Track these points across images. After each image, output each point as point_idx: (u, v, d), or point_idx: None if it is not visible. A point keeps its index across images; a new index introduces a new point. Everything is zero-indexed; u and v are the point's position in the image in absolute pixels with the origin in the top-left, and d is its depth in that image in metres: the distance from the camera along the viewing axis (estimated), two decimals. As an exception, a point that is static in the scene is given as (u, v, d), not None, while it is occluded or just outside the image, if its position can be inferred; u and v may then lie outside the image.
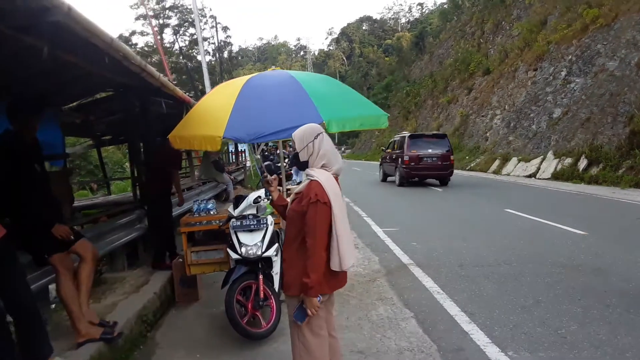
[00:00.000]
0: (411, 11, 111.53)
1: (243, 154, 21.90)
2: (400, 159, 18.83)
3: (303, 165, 2.99)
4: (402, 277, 6.24)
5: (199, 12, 46.20)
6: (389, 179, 21.23)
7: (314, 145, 2.92)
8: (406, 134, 13.50)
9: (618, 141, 17.96)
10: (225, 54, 55.23)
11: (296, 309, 2.91)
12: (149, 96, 5.85)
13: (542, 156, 22.30)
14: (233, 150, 20.43)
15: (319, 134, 2.96)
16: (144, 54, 42.20)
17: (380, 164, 22.82)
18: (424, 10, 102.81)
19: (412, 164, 18.37)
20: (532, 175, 21.45)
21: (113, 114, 6.80)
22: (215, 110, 4.89)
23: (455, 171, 20.74)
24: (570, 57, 24.48)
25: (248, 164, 20.28)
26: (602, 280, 5.81)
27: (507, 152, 26.12)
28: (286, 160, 19.50)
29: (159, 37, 45.22)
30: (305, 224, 2.81)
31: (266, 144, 31.97)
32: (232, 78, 6.91)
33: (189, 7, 42.42)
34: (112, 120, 7.18)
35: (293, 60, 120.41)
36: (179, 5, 43.86)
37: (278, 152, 30.77)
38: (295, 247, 2.92)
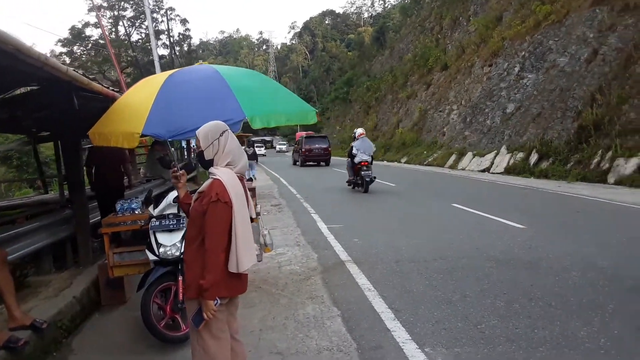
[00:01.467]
0: (374, 6, 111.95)
1: (195, 151, 21.54)
2: (300, 150, 32.58)
3: (207, 164, 2.91)
4: (336, 275, 6.21)
5: (156, 3, 45.28)
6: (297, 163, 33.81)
7: (219, 143, 2.84)
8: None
9: (567, 136, 18.45)
10: (185, 48, 54.20)
11: (194, 312, 2.83)
12: (78, 91, 5.59)
13: (495, 151, 22.76)
14: (185, 146, 20.05)
15: (224, 131, 2.88)
16: (97, 47, 41.07)
17: (292, 153, 37.47)
18: (386, 5, 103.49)
19: (307, 153, 31.80)
20: (486, 170, 21.88)
21: (41, 109, 6.50)
22: (135, 105, 4.72)
23: (412, 166, 21.65)
24: (523, 53, 25.02)
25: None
26: (531, 273, 5.91)
27: (463, 147, 26.55)
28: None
29: (108, 30, 44.09)
30: (205, 224, 2.72)
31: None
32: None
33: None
34: (41, 116, 6.87)
35: (255, 54, 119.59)
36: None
37: (244, 147, 30.51)
38: (195, 248, 2.82)
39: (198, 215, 2.77)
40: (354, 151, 15.07)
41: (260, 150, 47.07)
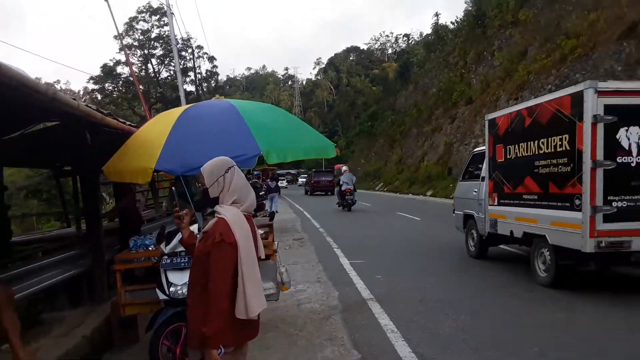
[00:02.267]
0: (397, 42, 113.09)
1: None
2: (310, 182, 40.27)
3: (213, 202, 2.74)
4: (358, 314, 5.93)
5: (185, 42, 46.54)
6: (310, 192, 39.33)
7: (225, 180, 2.67)
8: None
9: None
10: (212, 84, 55.35)
11: None
12: (94, 126, 5.58)
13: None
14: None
15: (229, 167, 2.72)
16: (127, 84, 42.22)
17: (305, 185, 44.67)
18: (410, 41, 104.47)
19: (315, 184, 38.84)
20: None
21: (61, 144, 6.51)
22: (149, 140, 4.63)
23: (438, 200, 21.65)
24: (549, 86, 24.66)
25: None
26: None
27: (489, 180, 26.01)
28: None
29: (138, 68, 45.37)
30: (209, 266, 2.54)
31: (250, 173, 31.77)
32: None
33: (176, 37, 42.64)
34: (62, 151, 6.88)
35: (281, 90, 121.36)
36: (164, 35, 43.97)
37: (268, 181, 30.64)
38: (198, 291, 2.62)
39: (202, 256, 2.58)
40: (341, 182, 21.46)
41: (282, 183, 48.44)
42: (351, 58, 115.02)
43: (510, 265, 8.55)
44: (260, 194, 26.75)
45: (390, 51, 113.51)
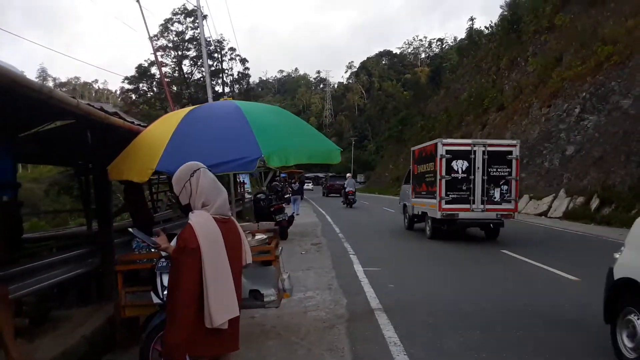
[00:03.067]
0: (431, 47, 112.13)
1: (243, 186, 21.68)
2: (325, 185, 46.47)
3: (186, 210, 2.67)
4: (363, 325, 5.78)
5: (218, 44, 47.09)
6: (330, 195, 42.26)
7: (191, 185, 2.61)
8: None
9: (631, 181, 17.32)
10: (244, 86, 55.79)
11: None
12: (104, 125, 5.60)
13: (553, 194, 21.62)
14: (233, 180, 20.23)
15: (194, 170, 2.65)
16: (160, 85, 42.89)
17: (322, 188, 49.28)
18: (443, 46, 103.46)
19: (330, 187, 44.03)
20: (544, 214, 20.76)
21: (75, 142, 6.57)
22: (152, 141, 4.62)
23: None
24: (584, 94, 23.99)
25: (248, 195, 20.04)
26: (580, 337, 5.27)
27: (520, 190, 25.42)
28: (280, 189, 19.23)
29: (171, 69, 46.06)
30: (171, 274, 2.47)
31: (277, 175, 31.89)
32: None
33: (208, 39, 43.16)
34: (77, 149, 6.96)
35: (312, 93, 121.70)
36: (197, 37, 44.51)
37: (293, 182, 30.71)
38: (171, 299, 2.56)
39: (173, 262, 2.52)
40: (345, 186, 28.86)
41: (308, 186, 54.13)
42: (383, 62, 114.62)
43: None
44: (286, 196, 26.91)
45: (423, 56, 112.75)
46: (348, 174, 33.22)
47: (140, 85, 47.65)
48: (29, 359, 3.88)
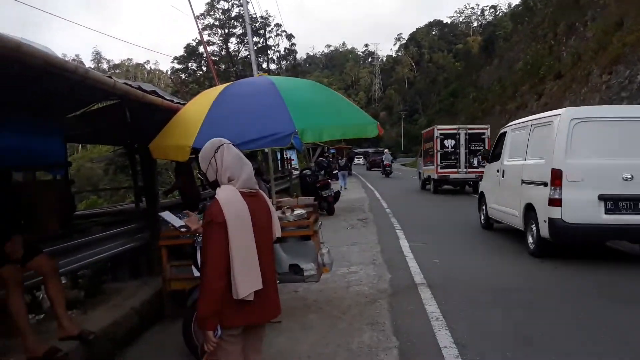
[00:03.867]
0: (484, 14, 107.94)
1: (290, 162, 21.82)
2: (368, 160, 50.49)
3: (213, 186, 2.70)
4: (405, 299, 5.72)
5: (263, 21, 47.11)
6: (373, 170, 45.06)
7: (216, 161, 2.62)
8: (385, 150, 34.68)
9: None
10: (290, 62, 55.77)
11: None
12: (139, 104, 5.69)
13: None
14: (279, 157, 20.40)
15: (219, 146, 2.66)
16: (207, 64, 43.50)
17: (366, 163, 51.75)
18: (497, 13, 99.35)
19: (372, 162, 47.78)
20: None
21: (123, 122, 6.76)
22: (189, 118, 4.67)
23: None
24: (647, 58, 22.52)
25: (295, 171, 20.18)
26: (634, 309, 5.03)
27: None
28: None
29: (218, 47, 46.54)
30: (202, 247, 2.51)
31: (325, 151, 31.89)
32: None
33: (253, 15, 43.23)
34: (124, 129, 7.16)
35: (361, 67, 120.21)
36: (243, 14, 44.66)
37: (339, 158, 30.68)
38: (202, 273, 2.60)
39: (202, 237, 2.56)
40: (383, 159, 35.50)
41: (359, 161, 56.71)
42: (433, 32, 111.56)
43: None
44: (334, 172, 26.92)
45: (475, 24, 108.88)
46: (385, 149, 41.01)
47: (189, 64, 48.52)
48: (79, 328, 4.05)
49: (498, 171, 9.48)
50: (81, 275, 6.47)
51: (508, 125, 9.96)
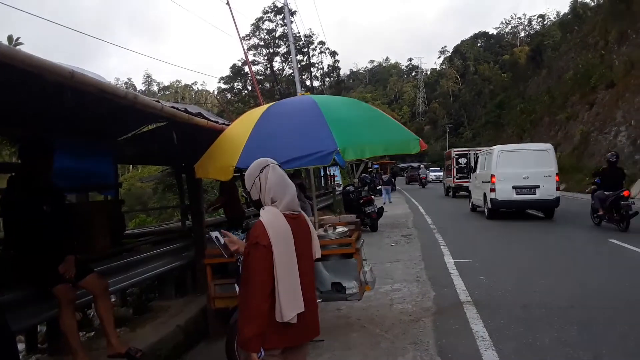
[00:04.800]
0: (531, 24, 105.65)
1: (333, 178, 21.86)
2: (407, 175, 53.82)
3: (257, 205, 2.74)
4: (450, 318, 5.61)
5: (307, 39, 47.76)
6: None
7: (260, 181, 2.66)
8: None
9: None
10: (334, 78, 56.13)
11: None
12: (188, 126, 5.87)
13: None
14: (322, 174, 20.48)
15: (264, 167, 2.69)
16: (252, 84, 44.40)
17: (406, 178, 54.07)
18: (545, 22, 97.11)
19: (410, 177, 50.46)
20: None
21: (170, 143, 6.99)
22: (233, 139, 4.79)
23: (571, 194, 20.94)
24: None
25: (338, 188, 20.21)
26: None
27: (634, 173, 23.29)
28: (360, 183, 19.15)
29: (263, 66, 47.43)
30: (246, 269, 2.55)
31: (369, 166, 31.84)
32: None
33: (297, 34, 43.93)
34: (172, 149, 7.40)
35: (404, 81, 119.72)
36: (287, 33, 45.45)
37: (383, 173, 30.54)
38: (243, 293, 2.64)
39: (244, 258, 2.60)
40: (419, 173, 44.00)
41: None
42: (479, 44, 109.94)
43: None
44: (378, 187, 26.75)
45: (522, 34, 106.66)
46: (422, 165, 49.77)
47: (235, 84, 49.58)
48: (127, 346, 4.18)
49: (475, 178, 17.36)
50: (130, 294, 6.68)
51: (479, 150, 20.10)
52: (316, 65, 51.32)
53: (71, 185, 5.66)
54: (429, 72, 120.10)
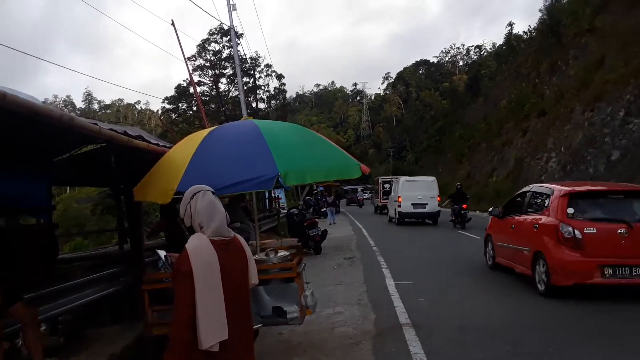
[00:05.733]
0: (469, 54, 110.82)
1: (278, 201, 21.85)
2: (348, 197, 56.43)
3: (192, 232, 2.73)
4: (389, 341, 5.70)
5: (253, 61, 47.92)
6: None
7: (191, 207, 2.66)
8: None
9: (680, 185, 16.62)
10: (280, 101, 56.43)
11: None
12: (129, 149, 5.77)
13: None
14: (267, 196, 20.42)
15: (195, 193, 2.69)
16: (196, 104, 43.96)
17: (347, 200, 56.22)
18: (482, 53, 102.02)
19: (350, 199, 55.05)
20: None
21: (109, 164, 6.82)
22: (174, 162, 4.74)
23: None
24: (628, 96, 23.15)
25: (283, 210, 20.19)
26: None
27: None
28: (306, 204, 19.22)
29: (209, 87, 47.20)
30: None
31: (314, 189, 32.03)
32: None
33: (243, 57, 44.00)
34: (110, 172, 7.22)
35: (350, 105, 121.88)
36: (234, 55, 45.38)
37: (327, 195, 30.81)
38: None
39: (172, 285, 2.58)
40: (358, 195, 53.25)
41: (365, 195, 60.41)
42: (420, 72, 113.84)
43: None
44: (322, 210, 26.92)
45: (461, 63, 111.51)
46: (359, 188, 55.77)
47: (180, 104, 48.91)
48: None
49: (390, 199, 25.23)
50: (62, 321, 6.38)
51: (393, 178, 30.77)
52: (262, 87, 51.59)
53: (0, 208, 5.40)
54: (373, 97, 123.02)
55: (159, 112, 66.31)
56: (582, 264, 6.99)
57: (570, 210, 7.35)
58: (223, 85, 49.54)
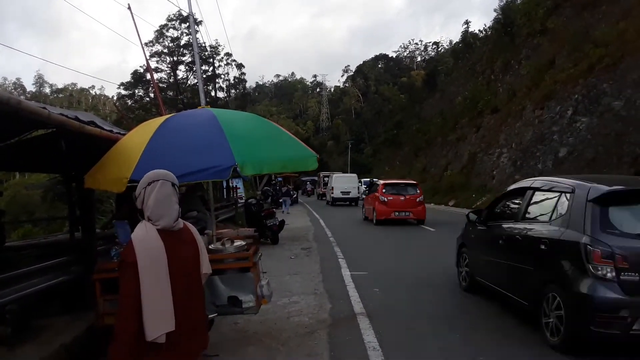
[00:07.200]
0: (427, 50, 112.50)
1: (236, 190, 21.65)
2: (303, 188, 55.87)
3: (142, 214, 2.65)
4: (344, 330, 5.80)
5: (213, 50, 47.17)
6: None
7: (145, 194, 2.58)
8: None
9: (622, 182, 17.46)
10: (240, 91, 55.83)
11: None
12: (80, 135, 5.60)
13: (546, 196, 21.73)
14: (225, 186, 20.20)
15: (152, 181, 2.60)
16: (153, 90, 43.00)
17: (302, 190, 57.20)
18: (439, 49, 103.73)
19: (304, 189, 56.05)
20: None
21: (59, 150, 6.59)
22: (128, 149, 4.64)
23: (460, 210, 21.98)
24: (576, 96, 24.12)
25: (241, 200, 20.03)
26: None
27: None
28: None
29: (166, 75, 46.19)
30: None
31: (273, 179, 31.92)
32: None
33: (202, 44, 43.24)
34: (62, 158, 6.98)
35: (309, 97, 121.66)
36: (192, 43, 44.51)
37: (283, 186, 30.83)
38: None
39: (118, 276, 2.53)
40: (307, 186, 56.39)
41: (308, 188, 60.70)
42: (380, 66, 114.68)
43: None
44: (280, 200, 26.90)
45: (419, 59, 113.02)
46: (309, 180, 56.34)
47: (136, 91, 47.71)
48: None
49: (327, 188, 37.10)
50: (9, 311, 6.16)
51: (330, 173, 42.03)
52: (222, 76, 51.00)
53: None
54: (332, 89, 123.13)
55: (115, 97, 64.49)
56: None
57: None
58: (181, 72, 48.67)
